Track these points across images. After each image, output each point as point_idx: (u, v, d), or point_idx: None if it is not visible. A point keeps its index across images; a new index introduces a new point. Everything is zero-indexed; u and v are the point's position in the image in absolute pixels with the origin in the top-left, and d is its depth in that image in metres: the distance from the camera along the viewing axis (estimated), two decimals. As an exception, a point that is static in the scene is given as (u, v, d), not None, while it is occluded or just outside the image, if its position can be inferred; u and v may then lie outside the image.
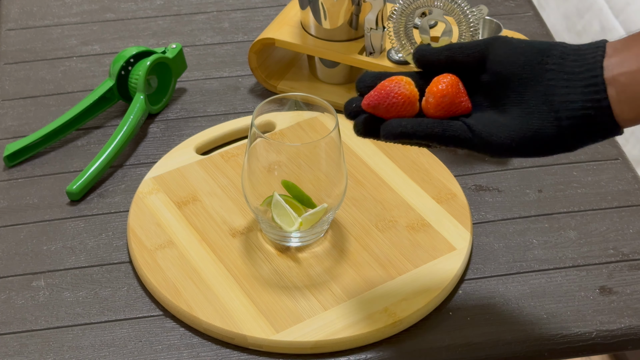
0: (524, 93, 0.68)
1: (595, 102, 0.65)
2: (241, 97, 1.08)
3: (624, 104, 0.65)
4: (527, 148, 0.68)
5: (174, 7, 1.23)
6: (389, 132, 0.70)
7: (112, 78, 1.03)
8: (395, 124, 0.70)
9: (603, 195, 0.95)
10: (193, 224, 0.89)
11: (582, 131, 0.66)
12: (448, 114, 0.70)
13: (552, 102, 0.67)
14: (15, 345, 0.80)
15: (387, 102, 0.70)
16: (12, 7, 1.23)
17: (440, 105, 0.70)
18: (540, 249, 0.89)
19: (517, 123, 0.68)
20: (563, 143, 0.67)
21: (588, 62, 0.66)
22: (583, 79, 0.66)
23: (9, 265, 0.88)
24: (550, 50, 0.68)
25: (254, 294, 0.83)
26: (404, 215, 0.90)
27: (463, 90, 0.71)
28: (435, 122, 0.69)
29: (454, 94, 0.70)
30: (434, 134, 0.69)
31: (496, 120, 0.69)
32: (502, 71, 0.69)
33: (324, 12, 1.02)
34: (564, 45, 0.68)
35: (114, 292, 0.85)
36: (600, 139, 0.67)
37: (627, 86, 0.64)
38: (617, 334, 0.82)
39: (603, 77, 0.65)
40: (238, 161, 0.96)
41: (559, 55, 0.67)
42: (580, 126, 0.66)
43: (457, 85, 0.70)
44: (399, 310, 0.81)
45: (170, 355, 0.80)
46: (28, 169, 0.98)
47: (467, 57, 0.71)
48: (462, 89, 0.71)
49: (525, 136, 0.68)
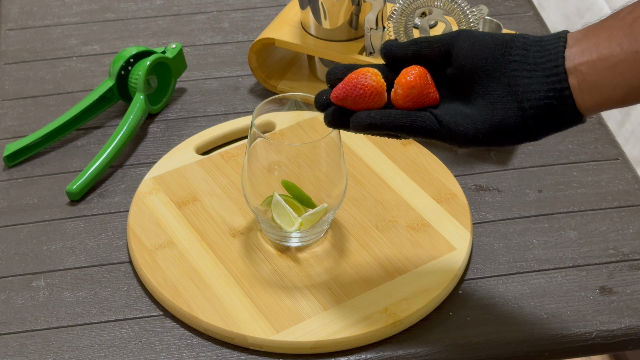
0: (488, 85, 0.70)
1: (557, 91, 0.67)
2: (241, 97, 1.08)
3: (585, 92, 0.66)
4: (493, 138, 0.70)
5: (174, 7, 1.23)
6: (358, 123, 0.71)
7: (112, 78, 1.03)
8: (364, 115, 0.71)
9: (603, 195, 0.95)
10: (193, 224, 0.89)
11: (545, 120, 0.68)
12: (416, 105, 0.72)
13: (515, 93, 0.68)
14: (15, 345, 0.80)
15: (354, 94, 0.71)
16: (12, 7, 1.23)
17: (408, 96, 0.71)
18: (540, 249, 0.89)
19: (482, 114, 0.70)
20: (527, 132, 0.69)
21: (550, 52, 0.67)
22: (545, 69, 0.67)
23: (9, 265, 0.88)
24: (513, 42, 0.69)
25: (254, 294, 0.83)
26: (404, 215, 0.90)
27: (431, 82, 0.72)
28: (404, 113, 0.71)
29: (422, 86, 0.71)
30: (402, 125, 0.71)
31: (462, 111, 0.71)
32: (467, 64, 0.71)
33: (324, 12, 1.02)
34: (526, 36, 0.70)
35: (114, 292, 0.85)
36: (564, 128, 0.69)
37: (588, 75, 0.66)
38: (617, 334, 0.82)
39: (564, 67, 0.67)
40: (238, 161, 0.96)
41: (522, 46, 0.69)
42: (543, 115, 0.68)
43: (425, 77, 0.71)
44: (399, 310, 0.81)
45: (170, 355, 0.80)
46: (28, 169, 0.98)
47: (433, 51, 0.72)
48: (430, 80, 0.72)
49: (490, 126, 0.69)
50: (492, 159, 0.99)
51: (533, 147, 1.00)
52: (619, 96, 0.66)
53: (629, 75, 0.65)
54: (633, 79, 0.65)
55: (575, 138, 1.02)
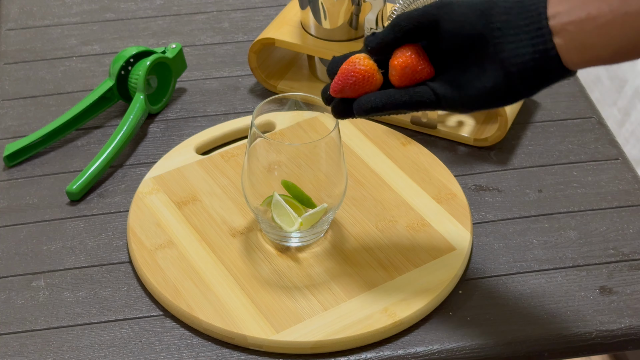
0: (476, 54, 0.71)
1: (542, 52, 0.68)
2: (241, 97, 1.08)
3: (572, 51, 0.67)
4: (486, 102, 0.72)
5: (174, 7, 1.23)
6: (360, 108, 0.74)
7: (112, 78, 1.03)
8: (365, 100, 0.74)
9: (603, 195, 0.95)
10: (193, 224, 0.89)
11: (533, 81, 0.69)
12: (413, 81, 0.74)
13: (502, 60, 0.69)
14: (15, 345, 0.80)
15: (349, 83, 0.74)
16: (12, 7, 1.23)
17: (403, 76, 0.74)
18: (540, 249, 0.89)
19: (474, 82, 0.72)
20: (517, 94, 0.71)
21: (532, 14, 0.68)
22: (529, 31, 0.68)
23: (9, 265, 0.88)
24: (493, 9, 0.70)
25: (254, 294, 0.83)
26: (404, 215, 0.90)
27: (423, 57, 0.74)
28: (402, 91, 0.74)
29: (414, 64, 0.74)
30: (402, 102, 0.74)
31: (456, 80, 0.73)
32: (453, 40, 0.72)
33: (324, 12, 1.02)
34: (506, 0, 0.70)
35: (114, 292, 0.85)
36: (553, 83, 0.70)
37: (575, 34, 0.66)
38: (617, 334, 0.82)
39: (549, 27, 0.67)
40: (238, 161, 0.96)
41: (503, 11, 0.70)
42: (530, 77, 0.69)
43: (415, 54, 0.74)
44: (399, 310, 0.81)
45: (170, 355, 0.80)
46: (28, 169, 0.98)
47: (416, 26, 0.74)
48: (421, 56, 0.74)
49: (482, 93, 0.71)
50: (492, 159, 0.99)
51: (533, 147, 1.00)
52: (607, 55, 0.67)
53: (617, 36, 0.65)
54: (622, 40, 0.65)
55: (575, 138, 1.02)
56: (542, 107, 1.06)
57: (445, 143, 1.01)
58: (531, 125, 1.03)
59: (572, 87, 1.09)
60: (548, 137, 1.02)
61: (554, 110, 1.05)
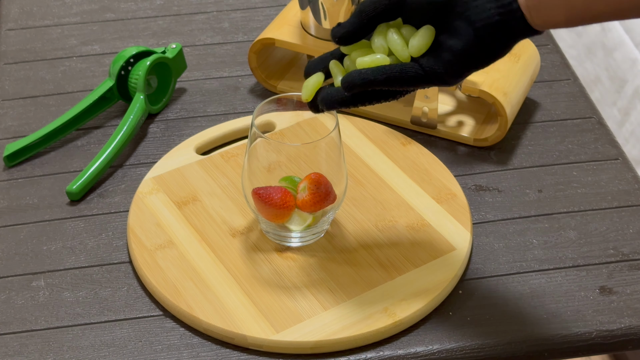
0: (446, 19, 0.74)
1: (505, 7, 0.71)
2: (241, 97, 1.08)
3: (532, 11, 0.70)
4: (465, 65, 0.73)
5: (174, 7, 1.23)
6: (351, 82, 0.75)
7: (112, 78, 1.03)
8: (356, 74, 0.75)
9: (603, 195, 0.95)
10: (193, 224, 0.89)
11: (500, 35, 0.72)
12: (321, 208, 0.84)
13: (468, 18, 0.72)
14: (15, 345, 0.80)
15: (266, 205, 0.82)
16: (12, 7, 1.23)
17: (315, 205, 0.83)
18: (540, 249, 0.89)
19: (449, 45, 0.73)
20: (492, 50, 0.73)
21: None
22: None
23: (9, 265, 0.88)
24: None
25: (254, 294, 0.83)
26: (404, 215, 0.90)
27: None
28: (393, 65, 0.74)
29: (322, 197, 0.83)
30: (392, 76, 0.74)
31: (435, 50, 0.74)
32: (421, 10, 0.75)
33: (324, 12, 1.02)
34: None
35: (114, 292, 0.85)
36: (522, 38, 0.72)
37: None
38: (617, 334, 0.82)
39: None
40: (238, 161, 0.96)
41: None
42: (496, 32, 0.71)
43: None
44: (399, 310, 0.81)
45: (170, 355, 0.80)
46: (28, 169, 0.98)
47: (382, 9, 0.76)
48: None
49: (458, 55, 0.73)
50: (492, 159, 0.99)
51: (533, 147, 1.00)
52: (563, 17, 0.69)
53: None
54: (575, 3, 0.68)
55: (575, 138, 1.02)
56: (542, 107, 1.06)
57: (445, 143, 1.01)
58: (531, 125, 1.03)
59: (572, 87, 1.09)
60: (548, 137, 1.02)
61: (554, 110, 1.06)
